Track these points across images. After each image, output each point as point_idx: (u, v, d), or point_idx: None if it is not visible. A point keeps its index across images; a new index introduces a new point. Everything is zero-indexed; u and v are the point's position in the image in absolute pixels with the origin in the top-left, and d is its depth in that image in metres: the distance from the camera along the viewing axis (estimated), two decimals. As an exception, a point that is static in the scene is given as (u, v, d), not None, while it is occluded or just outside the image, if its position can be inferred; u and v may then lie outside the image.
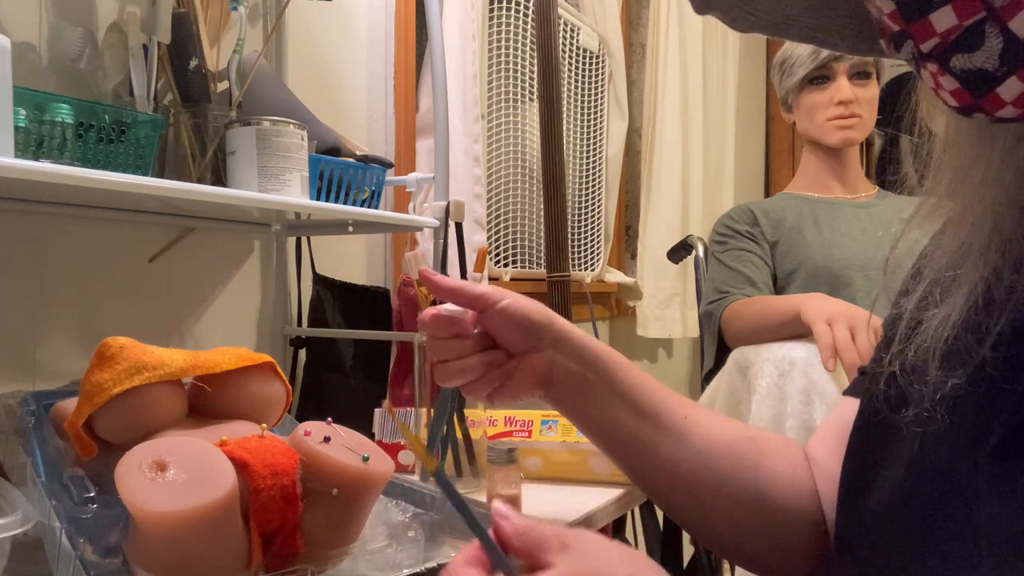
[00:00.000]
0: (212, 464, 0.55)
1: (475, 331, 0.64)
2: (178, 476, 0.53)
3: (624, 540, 1.41)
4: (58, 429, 0.70)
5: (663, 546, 1.51)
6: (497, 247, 1.88)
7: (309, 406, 1.22)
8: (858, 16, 0.43)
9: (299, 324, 1.28)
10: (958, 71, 0.34)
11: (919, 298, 0.47)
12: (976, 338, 0.40)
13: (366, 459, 0.62)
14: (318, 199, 0.99)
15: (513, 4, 1.88)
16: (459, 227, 1.10)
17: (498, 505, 0.43)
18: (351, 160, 1.06)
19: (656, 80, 2.40)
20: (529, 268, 2.00)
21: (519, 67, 1.91)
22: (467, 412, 0.94)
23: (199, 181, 0.95)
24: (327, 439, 0.62)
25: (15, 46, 0.68)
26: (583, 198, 2.27)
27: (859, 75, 1.42)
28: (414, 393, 0.97)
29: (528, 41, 1.92)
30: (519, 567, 0.41)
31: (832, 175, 1.50)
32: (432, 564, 0.63)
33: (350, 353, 1.28)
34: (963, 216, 0.42)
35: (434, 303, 0.98)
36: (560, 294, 1.70)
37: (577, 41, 2.19)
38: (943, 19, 0.33)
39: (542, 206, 1.74)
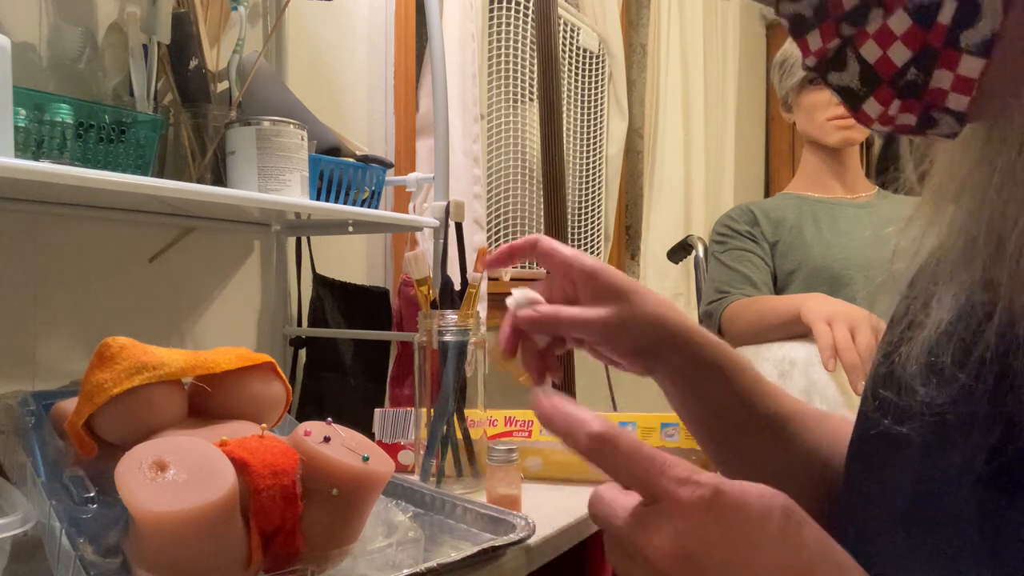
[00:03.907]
0: (212, 464, 0.55)
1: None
2: (178, 476, 0.53)
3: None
4: (58, 429, 0.70)
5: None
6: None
7: (309, 406, 1.22)
8: None
9: (299, 324, 1.28)
10: (835, 85, 0.38)
11: (905, 309, 0.46)
12: (959, 361, 0.40)
13: (366, 459, 0.62)
14: (318, 199, 0.99)
15: (513, 4, 1.88)
16: (459, 227, 1.10)
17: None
18: (351, 160, 1.06)
19: (656, 80, 2.40)
20: (529, 268, 2.00)
21: (519, 67, 1.91)
22: (467, 412, 0.94)
23: (199, 181, 0.95)
24: (327, 439, 0.62)
25: (15, 46, 0.68)
26: (583, 198, 2.27)
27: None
28: (414, 393, 0.97)
29: (528, 41, 1.92)
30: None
31: (832, 175, 1.50)
32: (432, 564, 0.63)
33: (350, 353, 1.28)
34: (944, 225, 0.42)
35: (433, 304, 0.98)
36: (560, 294, 1.69)
37: (577, 41, 2.19)
38: (814, 40, 0.38)
39: (542, 206, 1.74)
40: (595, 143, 2.30)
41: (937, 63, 0.36)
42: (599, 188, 2.31)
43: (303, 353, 1.25)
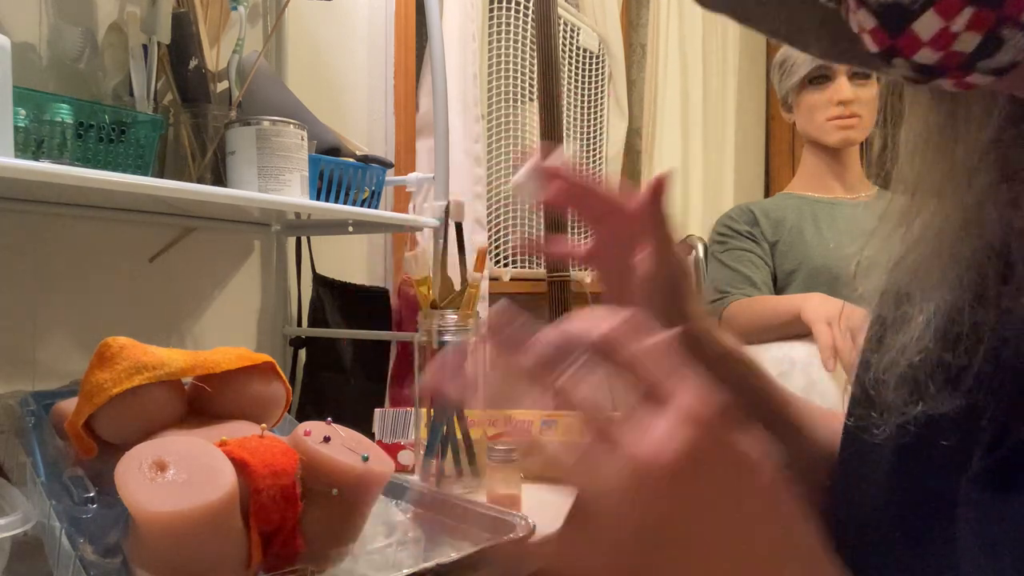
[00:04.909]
0: (212, 464, 0.55)
1: None
2: (178, 476, 0.53)
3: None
4: (58, 429, 0.70)
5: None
6: (497, 247, 1.88)
7: (309, 406, 1.22)
8: (832, 17, 0.40)
9: (299, 324, 1.28)
10: (874, 4, 0.31)
11: (880, 321, 0.45)
12: (943, 374, 0.39)
13: (366, 459, 0.62)
14: (318, 199, 0.99)
15: (513, 4, 1.88)
16: (459, 227, 1.10)
17: None
18: (351, 160, 1.06)
19: (656, 80, 2.40)
20: (529, 268, 2.00)
21: (519, 67, 1.91)
22: (467, 412, 0.94)
23: (199, 181, 0.95)
24: (327, 439, 0.62)
25: (15, 46, 0.68)
26: (583, 198, 2.27)
27: (859, 75, 1.42)
28: (414, 393, 0.97)
29: (528, 41, 1.92)
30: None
31: (832, 175, 1.50)
32: (432, 564, 0.63)
33: (350, 353, 1.28)
34: (920, 230, 0.41)
35: (433, 304, 0.98)
36: (560, 294, 1.70)
37: (577, 41, 2.19)
38: None
39: (542, 206, 1.74)
40: (595, 143, 2.30)
41: None
42: (599, 188, 2.31)
43: (303, 353, 1.25)
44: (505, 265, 1.90)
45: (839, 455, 0.50)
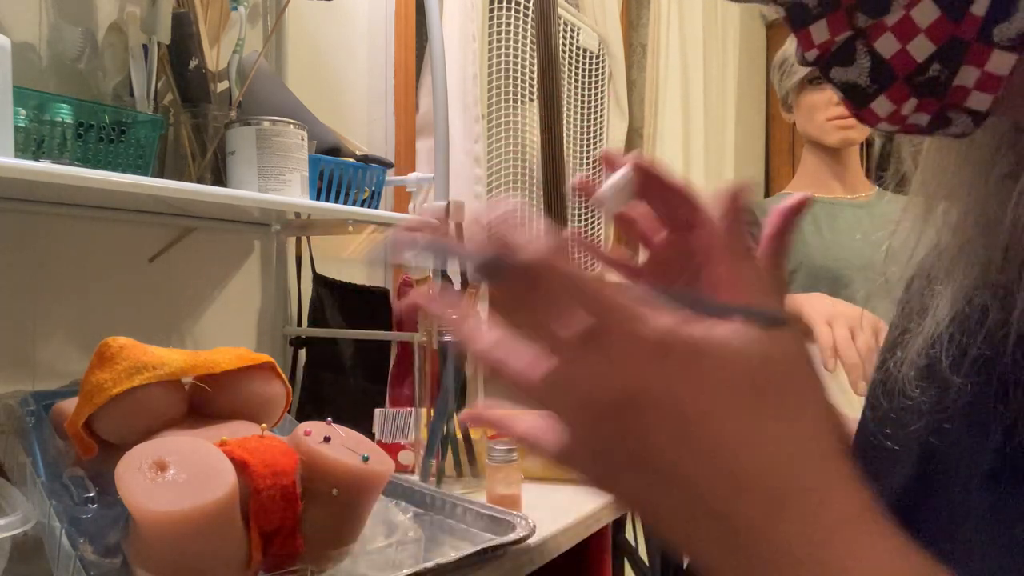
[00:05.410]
0: (212, 464, 0.55)
1: None
2: (178, 476, 0.53)
3: (624, 540, 1.41)
4: (58, 429, 0.70)
5: (664, 548, 1.51)
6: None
7: (309, 406, 1.22)
8: None
9: (299, 324, 1.28)
10: (838, 82, 0.35)
11: (901, 313, 0.46)
12: (956, 365, 0.39)
13: (366, 459, 0.62)
14: (318, 199, 0.99)
15: (513, 4, 1.88)
16: (459, 227, 1.10)
17: None
18: (351, 160, 1.06)
19: (656, 80, 2.40)
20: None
21: (519, 67, 1.91)
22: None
23: (199, 181, 0.95)
24: (327, 439, 0.62)
25: (15, 46, 0.68)
26: (583, 198, 2.27)
27: (859, 75, 1.42)
28: (414, 393, 0.97)
29: (528, 41, 1.92)
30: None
31: (832, 175, 1.50)
32: (432, 564, 0.63)
33: (350, 353, 1.28)
34: (937, 224, 0.42)
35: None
36: (560, 294, 1.70)
37: (577, 41, 2.19)
38: (819, 32, 0.35)
39: (542, 206, 1.74)
40: (595, 143, 2.30)
41: (964, 59, 0.33)
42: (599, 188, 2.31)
43: (303, 353, 1.25)
44: (505, 265, 1.90)
45: (852, 457, 0.50)
